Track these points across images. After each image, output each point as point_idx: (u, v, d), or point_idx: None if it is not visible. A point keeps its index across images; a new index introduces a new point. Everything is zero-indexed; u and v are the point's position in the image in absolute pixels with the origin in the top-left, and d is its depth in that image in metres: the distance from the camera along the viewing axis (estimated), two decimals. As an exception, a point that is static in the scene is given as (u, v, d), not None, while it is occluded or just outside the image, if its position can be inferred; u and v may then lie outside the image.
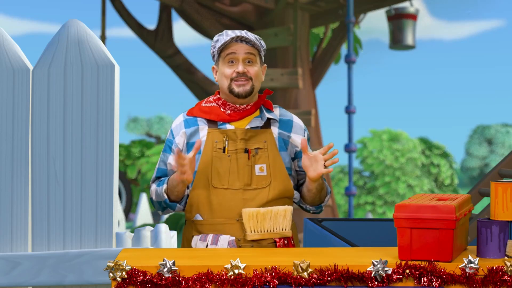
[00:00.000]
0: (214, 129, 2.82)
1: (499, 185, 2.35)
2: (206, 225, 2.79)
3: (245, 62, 2.82)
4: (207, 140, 2.80)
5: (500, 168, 3.55)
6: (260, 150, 2.81)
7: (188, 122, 2.87)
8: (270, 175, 2.79)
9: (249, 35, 2.83)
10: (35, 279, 2.80)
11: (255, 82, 2.83)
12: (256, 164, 2.79)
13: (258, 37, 2.87)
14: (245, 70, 2.81)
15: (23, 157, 2.87)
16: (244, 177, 2.77)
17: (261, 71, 2.87)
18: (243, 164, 2.78)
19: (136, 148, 15.56)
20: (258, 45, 2.84)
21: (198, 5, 10.29)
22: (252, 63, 2.83)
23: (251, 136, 2.80)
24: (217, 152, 2.78)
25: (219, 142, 2.79)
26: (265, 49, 2.91)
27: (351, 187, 8.78)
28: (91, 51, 2.85)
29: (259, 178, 2.78)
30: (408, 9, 10.67)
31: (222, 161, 2.77)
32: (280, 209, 2.74)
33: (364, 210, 22.91)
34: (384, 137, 23.60)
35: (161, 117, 42.95)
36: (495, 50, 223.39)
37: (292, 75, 9.43)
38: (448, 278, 2.23)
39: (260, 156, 2.80)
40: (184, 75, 10.94)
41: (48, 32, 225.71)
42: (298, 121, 2.94)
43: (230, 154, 2.78)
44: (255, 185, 2.78)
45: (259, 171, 2.79)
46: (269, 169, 2.80)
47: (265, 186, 2.78)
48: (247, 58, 2.82)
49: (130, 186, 13.98)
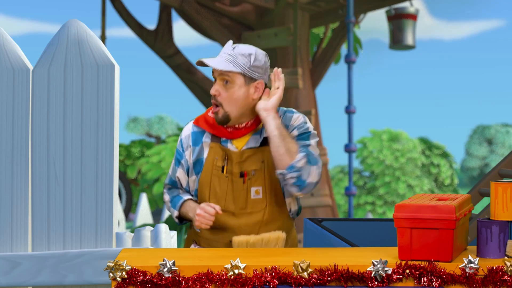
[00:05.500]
0: (216, 144, 2.76)
1: (499, 185, 2.35)
2: (202, 238, 2.83)
3: (221, 82, 2.68)
4: (209, 155, 2.76)
5: (500, 168, 3.55)
6: (257, 171, 2.73)
7: (195, 135, 2.82)
8: (266, 198, 2.74)
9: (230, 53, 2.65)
10: (35, 279, 2.80)
11: (227, 108, 2.67)
12: (252, 187, 2.73)
13: (248, 53, 2.66)
14: (216, 93, 2.67)
15: (23, 157, 2.87)
16: (239, 200, 2.74)
17: (244, 91, 2.68)
18: (238, 188, 2.73)
19: (136, 148, 15.56)
20: (240, 66, 2.65)
21: (198, 5, 10.28)
22: (229, 84, 2.66)
23: (248, 157, 2.73)
24: (216, 171, 2.74)
25: (219, 160, 2.74)
26: (258, 65, 2.68)
27: (351, 187, 8.78)
28: (91, 51, 2.85)
29: (255, 201, 2.74)
30: (408, 9, 10.66)
31: (220, 181, 2.74)
32: (272, 236, 2.70)
33: (364, 210, 22.91)
34: (384, 137, 23.60)
35: (161, 117, 42.94)
36: (495, 50, 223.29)
37: (292, 75, 9.43)
38: (448, 278, 2.23)
39: (256, 178, 2.73)
40: (184, 75, 10.94)
41: (48, 32, 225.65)
42: (296, 120, 2.78)
43: (228, 175, 2.73)
44: (250, 209, 2.74)
45: (254, 194, 2.74)
46: (265, 192, 2.74)
47: (261, 209, 2.74)
48: (223, 79, 2.67)
49: (130, 186, 13.97)
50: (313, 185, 2.66)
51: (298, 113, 2.80)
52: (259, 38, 9.94)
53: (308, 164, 2.65)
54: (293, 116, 2.77)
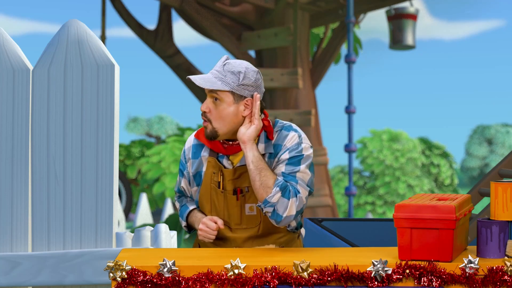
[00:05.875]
0: (213, 159, 2.76)
1: (499, 185, 2.35)
2: (203, 244, 2.85)
3: (212, 98, 2.66)
4: (207, 169, 2.76)
5: (500, 168, 3.55)
6: (250, 188, 2.70)
7: (195, 148, 2.82)
8: (261, 215, 2.73)
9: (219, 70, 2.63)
10: (35, 279, 2.80)
11: (216, 124, 2.65)
12: (246, 203, 2.73)
13: (238, 71, 2.63)
14: (205, 110, 2.66)
15: (23, 157, 2.87)
16: (234, 216, 2.74)
17: (233, 108, 2.65)
18: (232, 205, 2.73)
19: (136, 148, 15.55)
20: (229, 84, 2.63)
21: (198, 5, 10.28)
22: (219, 100, 2.64)
23: (241, 173, 2.71)
24: (214, 185, 2.75)
25: (216, 174, 2.75)
26: (247, 84, 2.64)
27: (351, 187, 8.78)
28: (91, 51, 2.85)
29: (249, 218, 2.74)
30: (408, 9, 10.66)
31: (218, 196, 2.75)
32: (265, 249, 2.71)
33: (364, 210, 22.91)
34: (384, 137, 23.59)
35: (161, 117, 42.94)
36: (495, 50, 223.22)
37: (292, 75, 9.43)
38: (448, 278, 2.23)
39: (250, 195, 2.72)
40: (184, 75, 10.94)
41: (48, 32, 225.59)
42: (290, 140, 2.70)
43: (223, 191, 2.74)
44: (245, 224, 2.75)
45: (249, 211, 2.73)
46: (259, 209, 2.72)
47: (255, 225, 2.74)
48: (212, 96, 2.66)
49: (130, 186, 13.97)
50: (292, 217, 2.59)
51: (295, 131, 2.71)
52: (259, 38, 9.94)
53: (284, 198, 2.58)
54: (288, 135, 2.70)
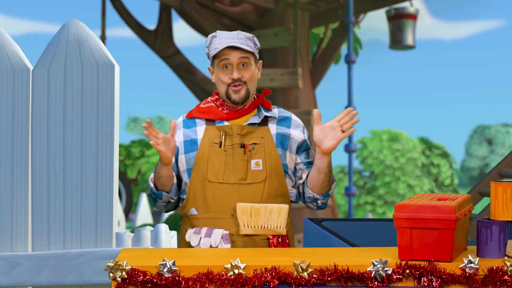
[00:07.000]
0: (211, 126, 2.84)
1: (499, 185, 2.35)
2: (201, 219, 2.80)
3: (239, 66, 2.82)
4: (204, 136, 2.83)
5: (500, 168, 3.55)
6: (256, 145, 2.81)
7: (187, 123, 2.90)
8: (266, 170, 2.79)
9: (241, 38, 2.82)
10: (35, 279, 2.80)
11: (249, 86, 2.84)
12: (252, 159, 2.79)
13: (251, 36, 2.87)
14: (240, 76, 2.81)
15: (23, 157, 2.87)
16: (239, 171, 2.77)
17: (256, 70, 2.88)
18: (239, 158, 2.78)
19: (136, 148, 15.56)
20: (252, 47, 2.84)
21: (198, 5, 10.29)
22: (247, 65, 2.83)
23: (248, 132, 2.82)
24: (213, 147, 2.80)
25: (216, 138, 2.81)
26: (258, 47, 2.90)
27: (351, 187, 8.78)
28: (91, 51, 2.85)
29: (255, 172, 2.79)
30: (408, 9, 10.67)
31: (218, 156, 2.79)
32: (275, 206, 2.73)
33: (364, 210, 22.92)
34: (384, 137, 23.61)
35: (161, 117, 42.95)
36: (495, 50, 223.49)
37: (292, 75, 9.43)
38: (448, 278, 2.23)
39: (256, 151, 2.80)
40: (184, 75, 10.94)
41: (48, 32, 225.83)
42: (297, 119, 2.94)
43: (226, 149, 2.79)
44: (251, 179, 2.78)
45: (255, 166, 2.79)
46: (265, 164, 2.80)
47: (261, 181, 2.79)
48: (241, 63, 2.82)
49: (130, 186, 13.98)
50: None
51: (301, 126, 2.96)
52: (259, 38, 9.94)
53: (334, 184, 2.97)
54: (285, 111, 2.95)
